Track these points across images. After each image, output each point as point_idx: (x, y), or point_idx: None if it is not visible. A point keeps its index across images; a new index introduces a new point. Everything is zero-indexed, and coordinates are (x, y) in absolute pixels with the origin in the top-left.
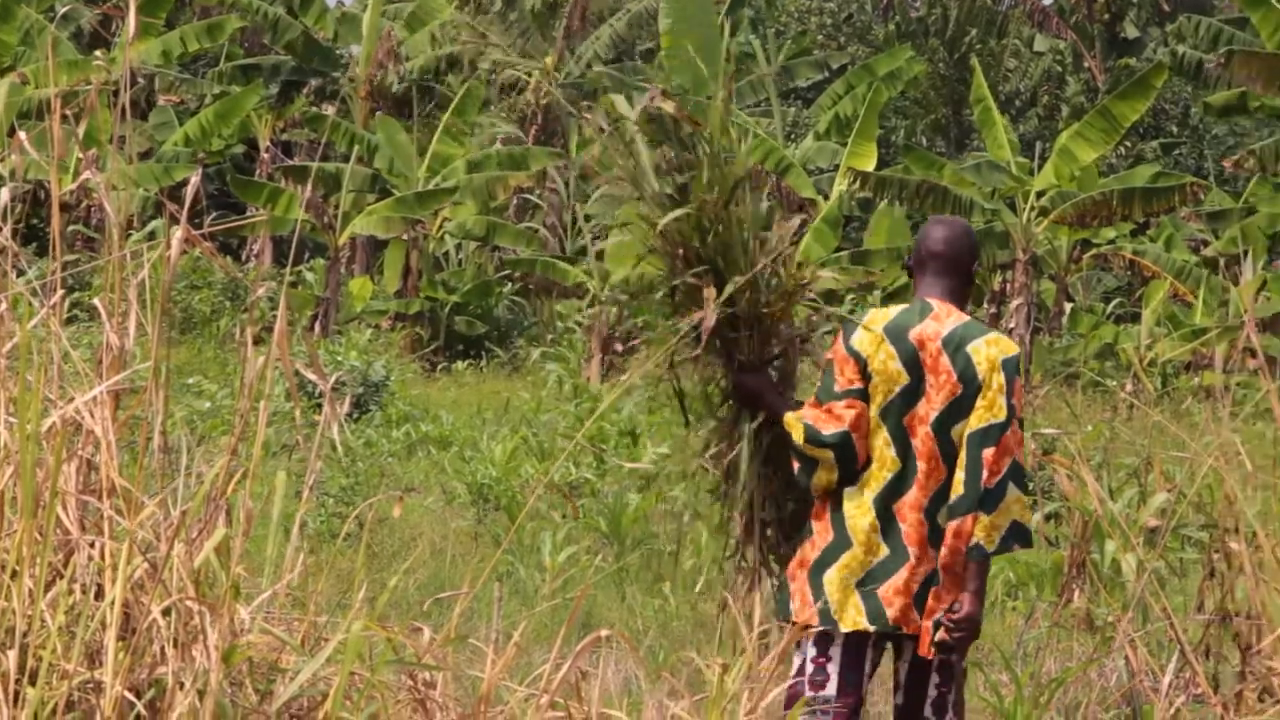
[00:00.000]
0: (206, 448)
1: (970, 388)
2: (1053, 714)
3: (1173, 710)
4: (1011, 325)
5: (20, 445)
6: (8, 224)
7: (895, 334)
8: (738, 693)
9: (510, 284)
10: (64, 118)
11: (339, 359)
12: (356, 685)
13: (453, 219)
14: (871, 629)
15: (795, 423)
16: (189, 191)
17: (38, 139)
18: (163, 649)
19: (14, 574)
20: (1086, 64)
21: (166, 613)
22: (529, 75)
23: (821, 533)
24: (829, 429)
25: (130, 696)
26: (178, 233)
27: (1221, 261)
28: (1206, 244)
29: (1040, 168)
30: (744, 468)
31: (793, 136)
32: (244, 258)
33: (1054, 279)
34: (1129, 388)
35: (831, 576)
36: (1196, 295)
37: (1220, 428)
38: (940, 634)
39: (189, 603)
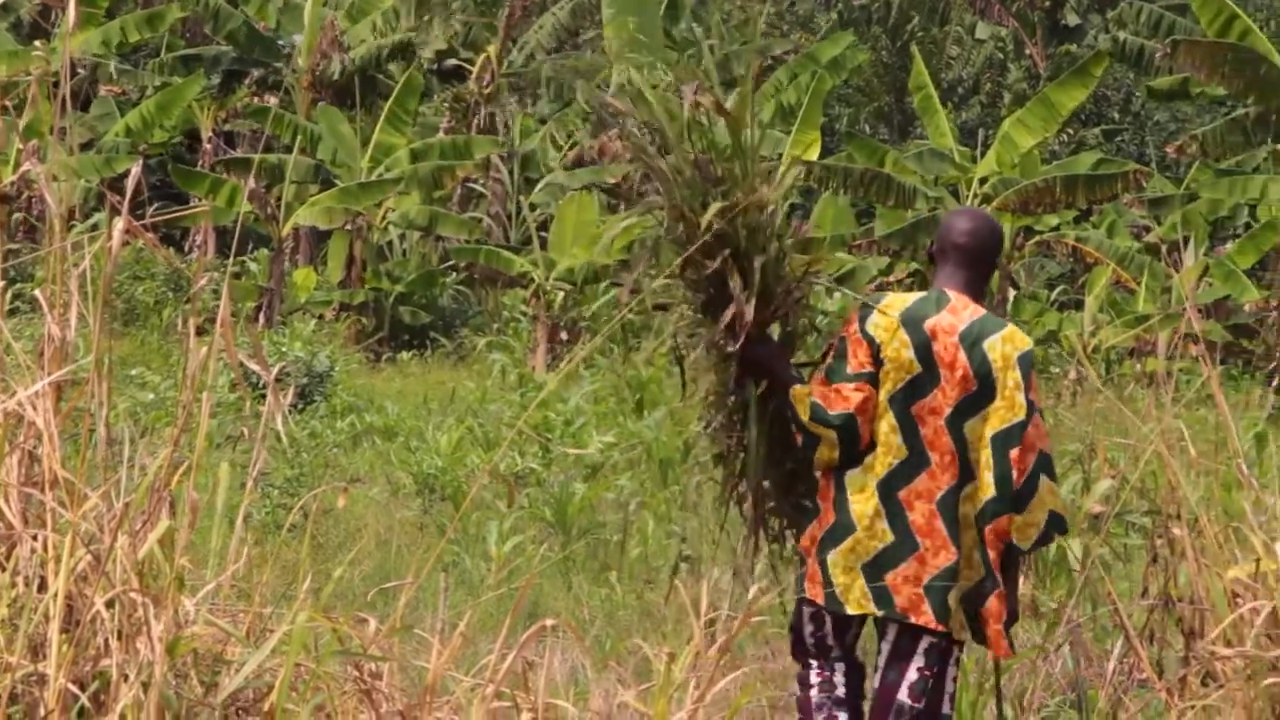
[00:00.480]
0: (150, 439)
1: (985, 384)
2: (999, 700)
3: (1117, 695)
4: None
5: None
6: None
7: (910, 322)
8: (684, 681)
9: (454, 274)
10: (4, 109)
11: (283, 350)
12: (302, 676)
13: (396, 209)
14: (879, 613)
15: (803, 398)
16: (130, 182)
17: None
18: (106, 641)
19: None
20: (1028, 51)
21: (110, 605)
22: (471, 65)
23: (826, 513)
24: (836, 409)
25: (74, 689)
26: (119, 224)
27: (1163, 248)
28: (1148, 230)
29: (983, 155)
30: (754, 436)
31: None
32: (187, 249)
33: (997, 266)
34: (1072, 374)
35: (835, 559)
36: (1139, 282)
37: (1163, 414)
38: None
39: (133, 595)
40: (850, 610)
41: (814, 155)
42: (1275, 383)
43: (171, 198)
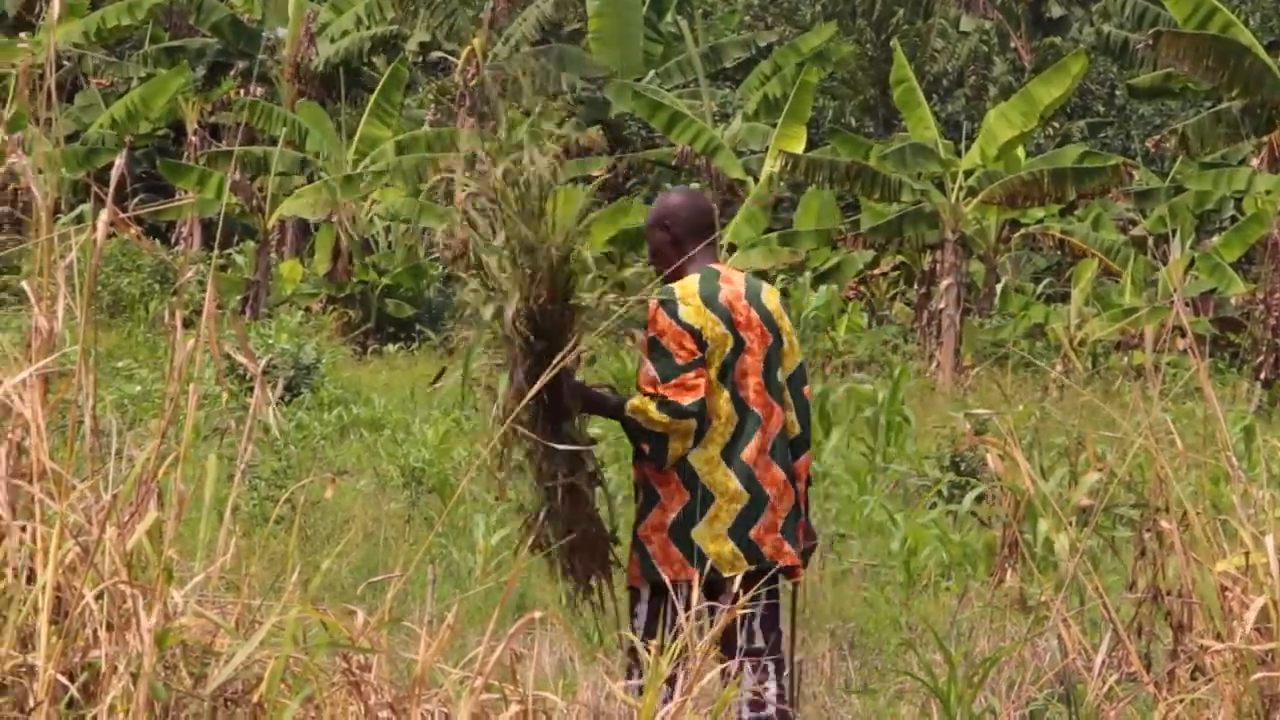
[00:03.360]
0: (137, 431)
1: (776, 334)
2: (986, 693)
3: (1105, 689)
4: (941, 306)
5: None
6: None
7: (710, 302)
8: (673, 674)
9: (441, 266)
10: None
11: (269, 342)
12: (291, 668)
13: (381, 201)
14: (753, 568)
15: (645, 406)
16: (114, 175)
17: None
18: (95, 633)
19: None
20: (1013, 44)
21: (99, 596)
22: (455, 57)
23: (672, 495)
24: (688, 399)
25: (63, 680)
26: (104, 216)
27: (1150, 241)
28: (1134, 223)
29: (967, 148)
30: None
31: (721, 117)
32: (173, 241)
33: (983, 259)
34: (1059, 367)
35: (701, 532)
36: (1124, 275)
37: (1150, 407)
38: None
39: (121, 586)
40: (726, 573)
41: (799, 148)
42: (1262, 376)
43: (157, 190)
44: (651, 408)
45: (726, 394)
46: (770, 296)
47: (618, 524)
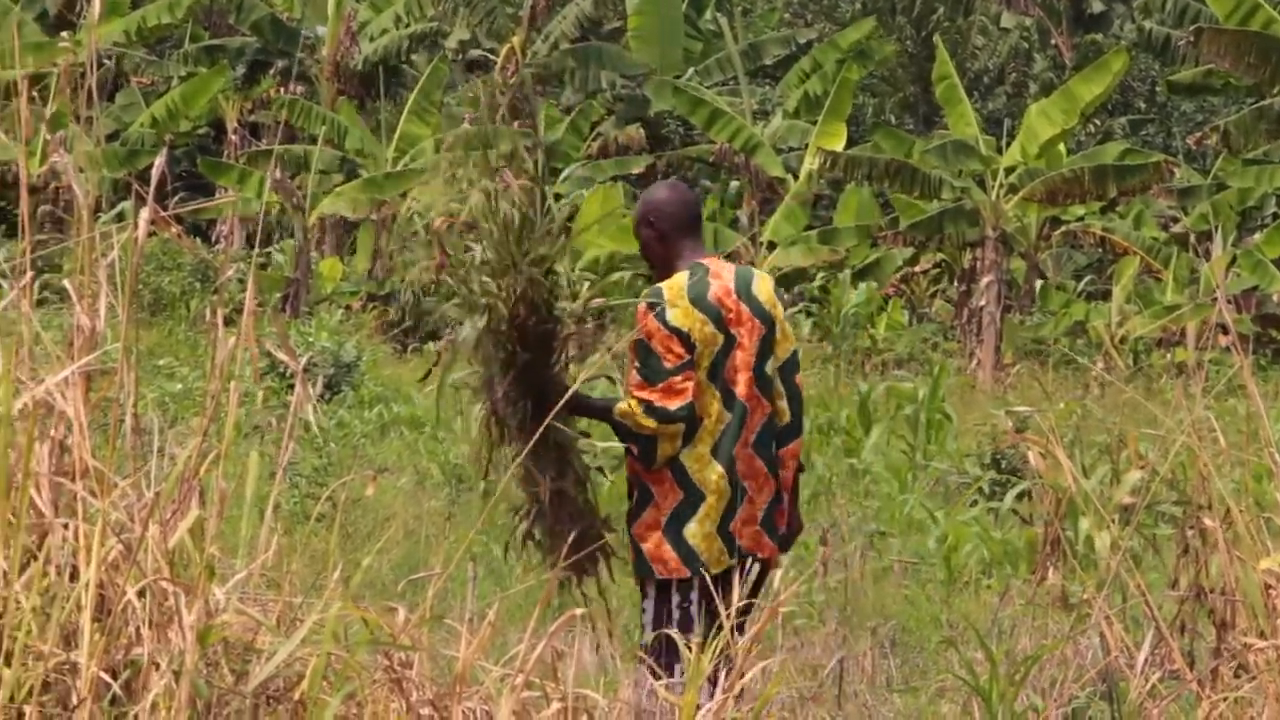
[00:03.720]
0: (178, 429)
1: (769, 324)
2: (1028, 692)
3: (1148, 687)
4: (982, 303)
5: None
6: None
7: (699, 301)
8: (714, 671)
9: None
10: (31, 100)
11: (310, 340)
12: (332, 666)
13: (421, 199)
14: (733, 563)
15: (634, 411)
16: (154, 173)
17: (5, 121)
18: (138, 630)
19: None
20: (1054, 40)
21: (141, 594)
22: (495, 55)
23: (666, 494)
24: (675, 404)
25: (106, 677)
26: (145, 214)
27: (1191, 238)
28: (1176, 220)
29: (1008, 145)
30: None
31: (761, 114)
32: (213, 239)
33: (1024, 256)
34: (1100, 365)
35: (693, 530)
36: (1166, 272)
37: (1193, 404)
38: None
39: (164, 583)
40: (713, 570)
41: (839, 146)
42: None
43: (198, 189)
44: (639, 412)
45: (716, 391)
46: (762, 285)
47: (607, 514)
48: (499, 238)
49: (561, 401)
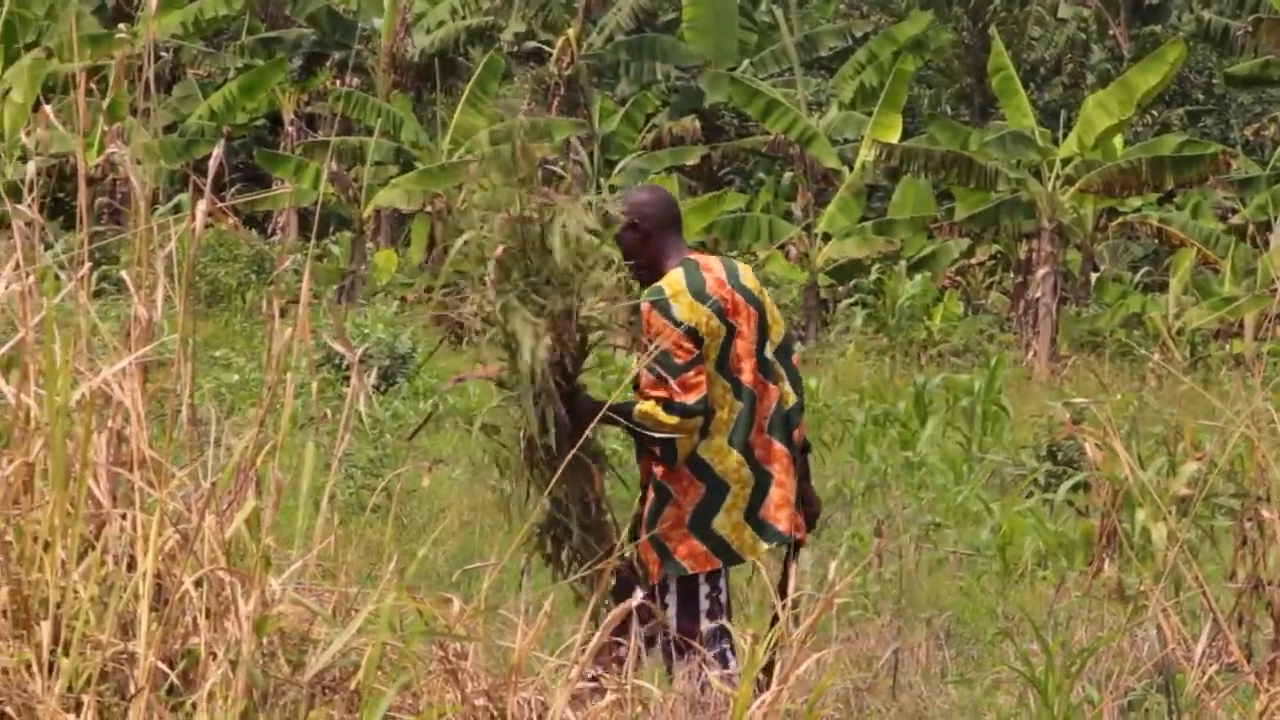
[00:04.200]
0: (235, 420)
1: (761, 310)
2: (1084, 684)
3: (1206, 679)
4: (1038, 295)
5: (50, 417)
6: (34, 198)
7: (700, 295)
8: (769, 662)
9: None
10: (89, 91)
11: (365, 331)
12: (388, 656)
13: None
14: (773, 546)
15: (654, 410)
16: (212, 165)
17: (63, 113)
18: (195, 620)
19: (46, 546)
20: (1111, 31)
21: (198, 584)
22: (550, 47)
23: (686, 490)
24: (693, 398)
25: (163, 667)
26: (202, 206)
27: (1250, 229)
28: (1234, 211)
29: (1064, 136)
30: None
31: (816, 106)
32: (269, 231)
33: (1080, 248)
34: (1157, 356)
35: (721, 521)
36: (1224, 263)
37: (1251, 395)
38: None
39: (220, 574)
40: (748, 558)
41: (895, 137)
42: None
43: (255, 180)
44: (659, 411)
45: (725, 382)
46: (747, 274)
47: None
48: (550, 274)
49: (595, 415)
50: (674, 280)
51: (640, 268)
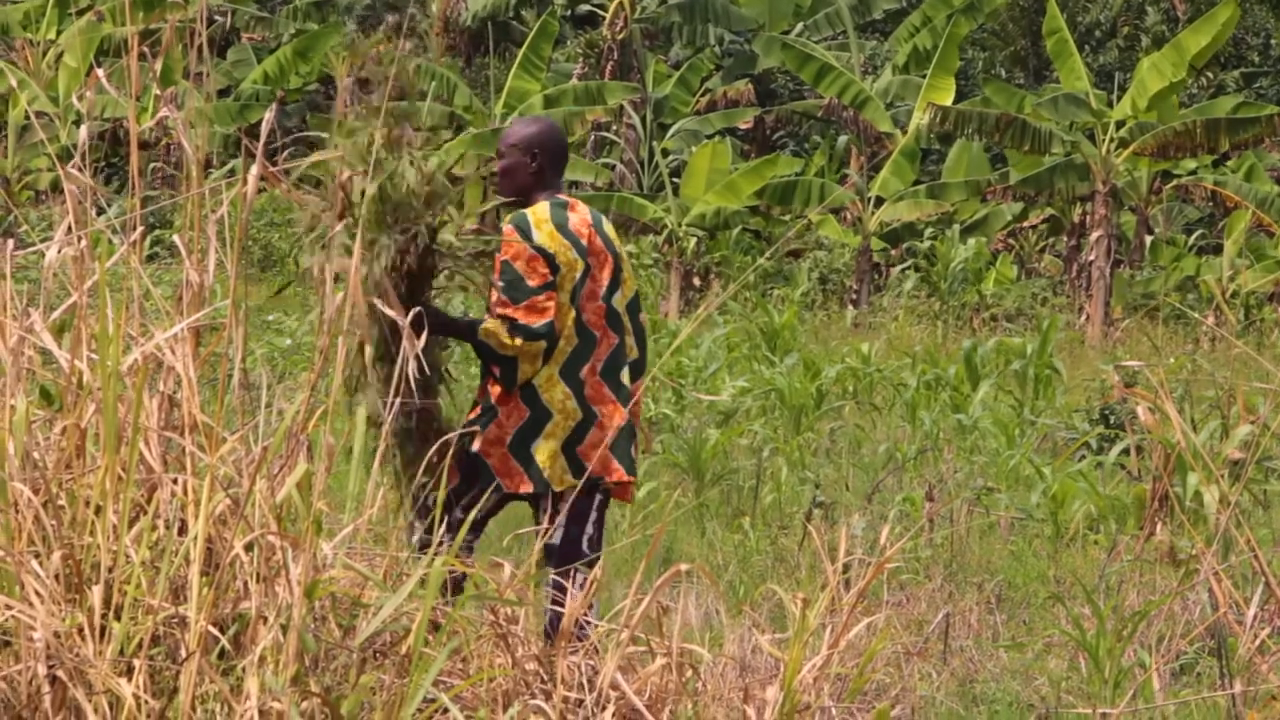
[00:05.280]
0: (286, 384)
1: (617, 261)
2: (1136, 647)
3: (1257, 643)
4: (1091, 258)
5: (103, 382)
6: (88, 162)
7: (563, 229)
8: (819, 626)
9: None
10: (141, 56)
11: None
12: (438, 620)
13: None
14: (576, 482)
15: (498, 329)
16: (264, 128)
17: (116, 77)
18: (246, 584)
19: (98, 510)
20: None
21: (249, 548)
22: (604, 10)
23: (510, 413)
24: (538, 321)
25: (214, 631)
26: (255, 170)
27: None
28: None
29: (1119, 99)
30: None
31: (870, 69)
32: None
33: (1134, 211)
34: (1211, 320)
35: (540, 446)
36: (1278, 226)
37: None
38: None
39: (271, 538)
40: (556, 488)
41: (948, 100)
42: None
43: (309, 145)
44: (503, 331)
45: (573, 315)
46: (609, 227)
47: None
48: (402, 200)
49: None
50: (539, 210)
51: (513, 194)
